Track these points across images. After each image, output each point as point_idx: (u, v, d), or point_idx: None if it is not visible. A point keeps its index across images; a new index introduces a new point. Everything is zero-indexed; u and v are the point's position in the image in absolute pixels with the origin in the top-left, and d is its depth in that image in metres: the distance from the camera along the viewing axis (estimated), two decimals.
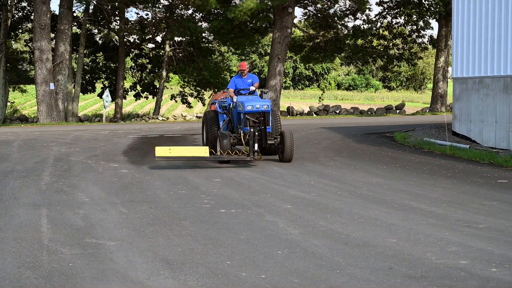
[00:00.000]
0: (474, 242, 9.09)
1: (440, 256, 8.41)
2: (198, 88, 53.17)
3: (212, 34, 50.49)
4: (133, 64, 55.39)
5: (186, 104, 54.31)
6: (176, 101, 56.43)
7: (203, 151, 17.40)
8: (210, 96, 54.00)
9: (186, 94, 53.72)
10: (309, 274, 7.72)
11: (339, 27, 50.51)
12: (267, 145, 18.07)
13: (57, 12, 44.95)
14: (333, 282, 7.41)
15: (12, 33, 51.32)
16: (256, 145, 17.58)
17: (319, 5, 49.00)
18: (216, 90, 52.33)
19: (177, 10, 49.65)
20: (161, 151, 17.12)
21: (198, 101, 54.81)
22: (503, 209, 11.65)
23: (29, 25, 51.34)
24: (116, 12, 47.79)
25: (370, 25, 50.16)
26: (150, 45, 53.52)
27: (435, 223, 10.45)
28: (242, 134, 18.15)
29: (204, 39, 52.28)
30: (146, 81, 53.98)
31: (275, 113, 19.25)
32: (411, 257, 8.37)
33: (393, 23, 51.09)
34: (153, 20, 48.48)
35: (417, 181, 15.18)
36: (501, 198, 12.84)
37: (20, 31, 52.18)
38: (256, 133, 17.64)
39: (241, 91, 19.37)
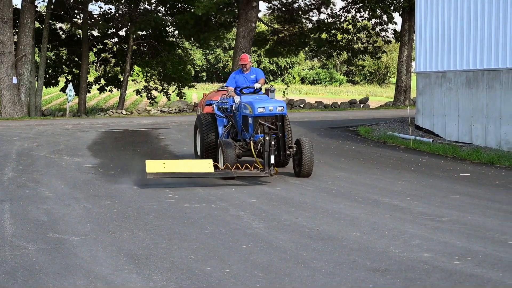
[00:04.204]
0: (437, 235, 9.16)
1: (404, 249, 8.47)
2: (162, 83, 52.88)
3: (176, 29, 50.34)
4: (96, 59, 54.99)
5: (150, 100, 53.96)
6: (141, 96, 56.05)
7: (206, 166, 13.84)
8: (173, 91, 53.71)
9: (151, 88, 53.40)
10: (274, 267, 7.74)
11: (304, 21, 50.64)
12: (285, 157, 14.60)
13: (19, 6, 44.50)
14: (297, 275, 7.44)
15: None
16: (272, 157, 13.98)
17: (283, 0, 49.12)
18: (180, 84, 52.03)
19: (141, 3, 49.38)
20: (153, 166, 13.57)
21: (163, 95, 54.45)
22: (465, 202, 11.76)
23: None
24: (79, 6, 47.40)
25: (334, 19, 50.34)
26: (114, 39, 53.19)
27: (399, 216, 10.53)
28: (252, 143, 14.63)
29: (168, 33, 52.07)
30: (110, 75, 53.65)
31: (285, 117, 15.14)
32: (375, 251, 8.42)
33: (357, 17, 51.29)
34: (117, 14, 48.16)
35: (380, 174, 15.27)
36: (464, 192, 12.96)
37: None
38: (273, 142, 14.09)
39: (243, 89, 15.84)
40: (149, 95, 53.29)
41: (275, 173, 13.98)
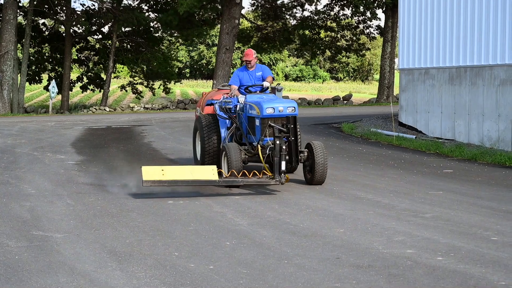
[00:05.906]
0: (420, 231, 9.19)
1: (387, 245, 8.49)
2: (147, 79, 52.72)
3: (160, 26, 50.22)
4: (79, 55, 54.74)
5: (136, 94, 53.74)
6: (126, 91, 55.79)
7: (210, 172, 12.41)
8: (159, 87, 53.55)
9: (136, 83, 53.15)
10: (257, 264, 7.74)
11: (287, 17, 50.68)
12: (297, 163, 13.20)
13: (1, 1, 44.28)
14: (281, 272, 7.44)
15: None
16: (283, 164, 12.50)
17: None
18: (165, 80, 51.90)
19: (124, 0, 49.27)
20: (150, 172, 12.14)
21: (148, 90, 54.27)
22: (448, 199, 11.80)
23: None
24: (62, 2, 47.21)
25: (318, 16, 50.38)
26: (97, 36, 52.97)
27: (382, 213, 10.55)
28: (260, 147, 13.21)
29: (151, 29, 51.92)
30: (93, 72, 53.40)
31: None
32: (358, 247, 8.44)
33: (341, 14, 51.34)
34: (100, 11, 48.02)
35: (364, 171, 15.30)
36: (447, 188, 13.00)
37: None
38: (284, 146, 12.62)
39: (249, 88, 14.56)
40: (134, 90, 53.10)
41: (286, 181, 12.64)
